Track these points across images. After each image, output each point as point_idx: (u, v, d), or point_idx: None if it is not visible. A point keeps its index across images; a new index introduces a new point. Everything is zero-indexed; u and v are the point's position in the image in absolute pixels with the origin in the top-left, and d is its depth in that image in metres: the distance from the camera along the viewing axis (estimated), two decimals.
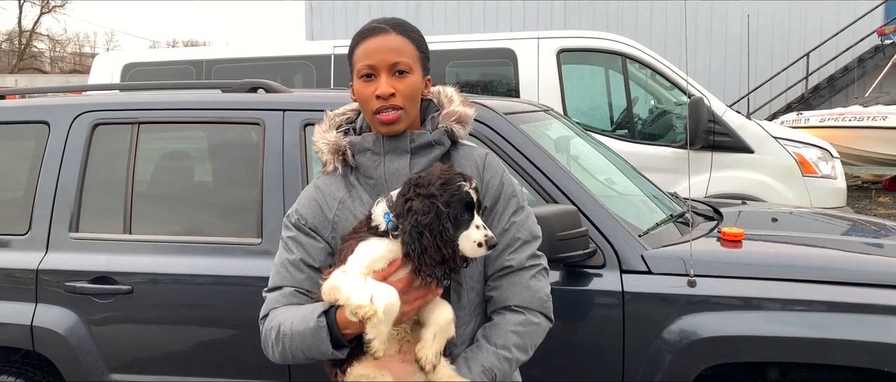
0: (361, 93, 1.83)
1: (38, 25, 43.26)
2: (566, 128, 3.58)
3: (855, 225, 3.45)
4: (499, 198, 1.89)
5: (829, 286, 2.44)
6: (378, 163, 1.87)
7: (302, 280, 1.86)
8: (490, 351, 1.81)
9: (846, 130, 11.83)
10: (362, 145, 1.88)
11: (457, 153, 1.93)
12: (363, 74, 1.82)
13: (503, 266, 1.87)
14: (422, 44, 1.89)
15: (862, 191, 12.43)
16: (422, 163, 1.86)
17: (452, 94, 1.98)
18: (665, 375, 2.43)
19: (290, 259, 1.88)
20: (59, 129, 3.00)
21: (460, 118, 1.92)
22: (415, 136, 1.86)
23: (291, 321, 1.75)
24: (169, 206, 3.05)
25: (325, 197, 1.91)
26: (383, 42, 1.82)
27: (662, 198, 3.37)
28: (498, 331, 1.84)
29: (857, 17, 15.82)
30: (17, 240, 2.94)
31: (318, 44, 7.84)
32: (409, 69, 1.82)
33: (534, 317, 1.87)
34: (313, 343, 1.70)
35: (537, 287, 1.88)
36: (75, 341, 2.80)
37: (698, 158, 6.07)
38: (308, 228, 1.89)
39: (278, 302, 1.86)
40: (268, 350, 1.85)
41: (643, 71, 6.78)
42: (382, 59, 1.81)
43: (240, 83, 3.13)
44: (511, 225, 1.88)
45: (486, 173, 1.90)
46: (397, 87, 1.81)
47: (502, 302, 1.87)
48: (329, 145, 1.92)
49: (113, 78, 7.58)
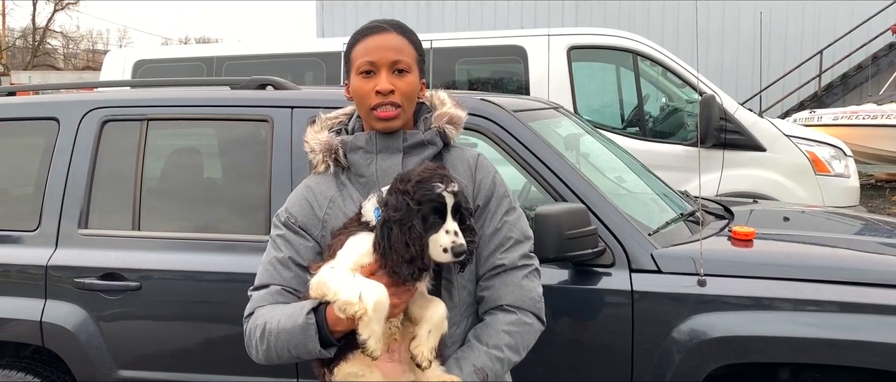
0: (360, 89, 1.84)
1: (51, 22, 43.61)
2: (576, 125, 3.56)
3: (868, 224, 3.41)
4: (491, 198, 1.90)
5: (842, 286, 2.41)
6: (370, 161, 1.88)
7: (289, 278, 1.85)
8: (481, 351, 1.80)
9: (860, 128, 11.75)
10: (355, 143, 1.89)
11: (449, 154, 1.93)
12: (363, 71, 1.83)
13: (495, 265, 1.87)
14: (419, 47, 1.91)
15: (875, 189, 12.34)
16: (413, 163, 1.86)
17: (444, 97, 2.00)
18: (674, 375, 2.42)
19: (278, 257, 1.87)
20: (68, 126, 3.00)
21: (452, 119, 1.93)
22: (407, 136, 1.88)
23: (278, 319, 1.74)
24: (177, 203, 3.06)
25: (316, 195, 1.91)
26: (385, 40, 1.84)
27: (673, 197, 3.35)
28: (489, 331, 1.83)
29: (871, 15, 15.70)
30: (27, 236, 2.95)
31: (329, 41, 7.84)
32: (408, 68, 1.84)
33: (526, 317, 1.86)
34: (301, 340, 1.68)
35: (529, 287, 1.88)
36: (84, 337, 2.81)
37: (709, 156, 6.03)
38: (297, 226, 1.88)
39: (264, 301, 1.84)
40: (251, 349, 1.84)
41: (654, 68, 6.74)
42: (383, 57, 1.82)
43: (248, 80, 3.13)
44: (503, 224, 1.88)
45: (478, 173, 1.91)
46: (397, 85, 1.82)
47: (494, 301, 1.86)
48: (321, 144, 1.92)
49: (124, 74, 7.62)
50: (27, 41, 43.88)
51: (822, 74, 16.21)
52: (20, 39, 44.51)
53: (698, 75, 5.75)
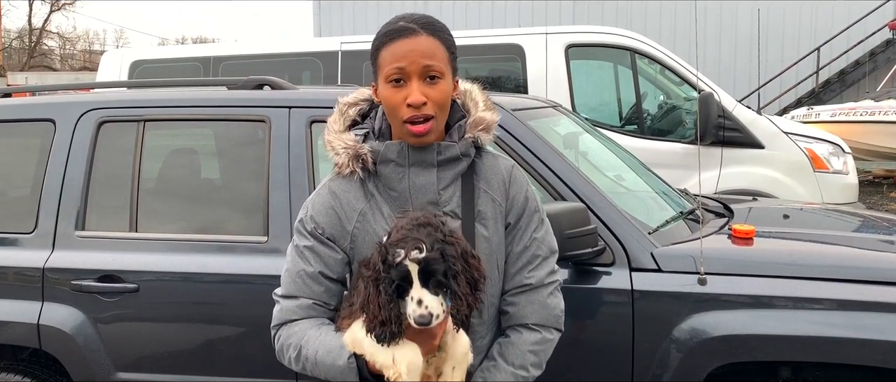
0: (390, 100, 1.72)
1: (48, 23, 43.53)
2: (575, 124, 3.55)
3: (867, 221, 3.41)
4: (523, 215, 1.86)
5: (841, 283, 2.40)
6: (402, 175, 1.77)
7: (320, 293, 1.80)
8: (508, 371, 1.81)
9: (857, 125, 11.76)
10: (386, 155, 1.77)
11: (482, 162, 1.85)
12: (393, 79, 1.71)
13: (522, 283, 1.85)
14: (452, 44, 1.78)
15: (873, 186, 12.34)
16: (448, 177, 1.79)
17: (477, 97, 1.88)
18: (675, 374, 2.41)
19: (307, 271, 1.79)
20: (64, 127, 2.99)
21: (486, 126, 1.83)
22: (442, 149, 1.77)
23: (315, 349, 1.72)
24: (175, 204, 3.05)
25: (344, 206, 1.81)
26: (414, 44, 1.70)
27: (672, 195, 3.34)
28: (515, 351, 1.83)
29: (868, 12, 15.72)
30: (24, 239, 2.93)
31: (326, 40, 7.83)
32: (441, 73, 1.72)
33: (549, 334, 1.87)
34: (340, 379, 1.69)
35: (553, 304, 1.88)
36: (82, 339, 2.79)
37: (708, 154, 6.03)
38: (325, 238, 1.80)
39: (296, 314, 1.80)
40: (284, 361, 1.83)
41: (652, 66, 6.73)
42: (414, 63, 1.69)
43: (245, 80, 3.11)
44: (532, 242, 1.86)
45: (512, 188, 1.85)
46: (430, 95, 1.70)
47: (519, 319, 1.85)
48: (347, 149, 1.79)
49: (121, 75, 7.59)
50: (24, 42, 43.82)
51: (820, 71, 16.24)
52: (16, 40, 44.44)
53: (696, 73, 5.74)
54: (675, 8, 16.65)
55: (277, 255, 2.67)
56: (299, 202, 2.69)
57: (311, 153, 2.77)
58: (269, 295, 1.89)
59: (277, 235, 2.70)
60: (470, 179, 1.83)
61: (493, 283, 1.82)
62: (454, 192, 1.81)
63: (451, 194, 1.80)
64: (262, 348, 2.64)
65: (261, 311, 2.58)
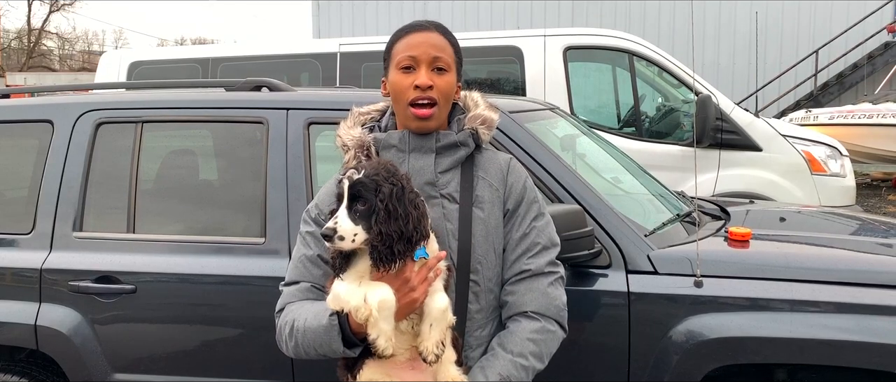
0: (399, 84, 1.86)
1: (47, 23, 43.50)
2: (572, 126, 3.56)
3: (864, 224, 3.41)
4: (521, 202, 1.91)
5: (838, 286, 2.40)
6: (402, 160, 1.89)
7: (318, 276, 1.88)
8: (506, 359, 1.81)
9: (855, 128, 11.77)
10: (388, 141, 1.91)
11: (481, 156, 1.95)
12: (404, 66, 1.85)
13: (521, 270, 1.87)
14: (459, 49, 1.94)
15: (871, 189, 12.37)
16: (446, 164, 1.88)
17: (478, 99, 2.02)
18: (671, 376, 2.41)
19: (307, 254, 1.89)
20: (62, 128, 2.99)
21: (485, 121, 1.95)
22: (440, 136, 1.90)
23: (304, 317, 1.78)
24: (172, 206, 3.04)
25: None
26: (427, 38, 1.87)
27: (669, 197, 3.35)
28: (514, 339, 1.83)
29: (867, 14, 15.74)
30: (22, 239, 2.93)
31: (325, 42, 7.83)
32: (448, 67, 1.88)
33: (549, 325, 1.87)
34: (325, 340, 1.72)
35: (555, 294, 1.89)
36: (79, 340, 2.79)
37: (706, 156, 6.04)
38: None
39: (294, 297, 1.88)
40: (282, 345, 1.87)
41: (650, 68, 6.74)
42: (425, 53, 1.85)
43: (243, 82, 3.12)
44: (531, 229, 1.90)
45: (509, 177, 1.93)
46: (436, 82, 1.85)
47: (518, 307, 1.87)
48: (354, 140, 1.93)
49: (119, 76, 7.60)
50: (23, 42, 43.78)
51: (818, 74, 16.25)
52: (15, 41, 44.41)
53: (694, 75, 5.75)
54: (674, 10, 16.67)
55: (275, 256, 2.68)
56: (297, 203, 2.71)
57: (308, 154, 2.77)
58: (266, 295, 1.91)
59: (275, 236, 2.70)
60: (470, 169, 1.92)
61: (490, 267, 1.86)
62: (453, 177, 1.90)
63: (449, 179, 1.89)
64: (260, 349, 2.65)
65: (258, 312, 2.60)
